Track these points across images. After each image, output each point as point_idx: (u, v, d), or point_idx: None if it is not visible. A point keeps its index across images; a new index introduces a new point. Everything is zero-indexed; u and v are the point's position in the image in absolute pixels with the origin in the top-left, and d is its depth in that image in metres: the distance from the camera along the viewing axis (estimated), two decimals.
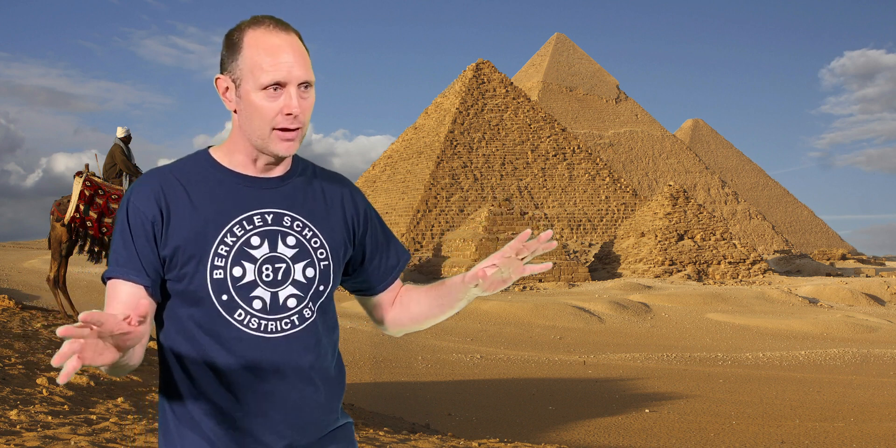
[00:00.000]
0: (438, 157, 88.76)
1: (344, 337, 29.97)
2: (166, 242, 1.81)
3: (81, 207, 10.95)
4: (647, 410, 17.10)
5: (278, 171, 1.93)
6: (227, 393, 1.84)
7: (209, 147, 1.96)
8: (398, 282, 2.14)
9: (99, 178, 11.32)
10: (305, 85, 1.84)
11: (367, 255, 2.06)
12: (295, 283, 1.88)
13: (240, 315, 1.83)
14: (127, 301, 1.79)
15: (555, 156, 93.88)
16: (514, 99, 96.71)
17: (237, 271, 1.83)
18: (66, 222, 10.98)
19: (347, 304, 41.24)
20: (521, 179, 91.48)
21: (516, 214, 65.36)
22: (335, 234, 1.96)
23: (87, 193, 11.00)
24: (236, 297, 1.83)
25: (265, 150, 1.86)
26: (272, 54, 1.80)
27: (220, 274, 1.82)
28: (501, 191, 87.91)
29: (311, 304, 1.91)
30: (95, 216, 11.01)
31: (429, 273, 64.38)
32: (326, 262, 1.93)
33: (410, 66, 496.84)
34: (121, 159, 11.68)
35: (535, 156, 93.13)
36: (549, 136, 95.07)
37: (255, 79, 1.81)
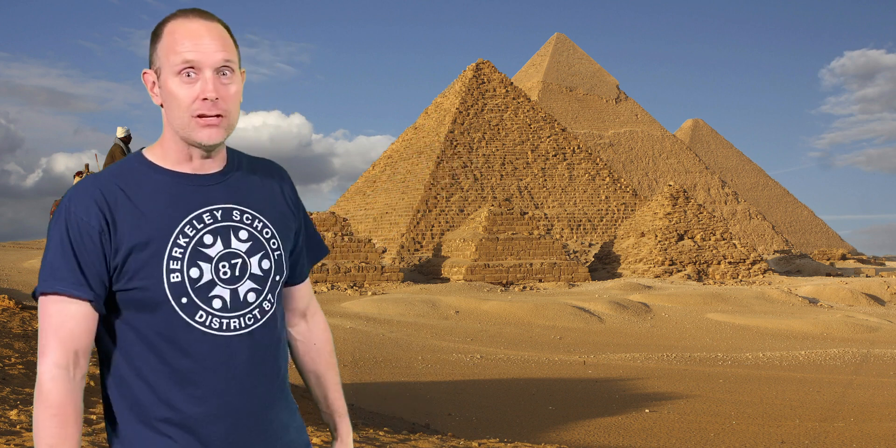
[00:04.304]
0: (438, 157, 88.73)
1: (344, 337, 29.93)
2: (116, 250, 1.75)
3: None
4: (647, 410, 17.10)
5: (216, 166, 1.89)
6: (193, 399, 1.78)
7: (142, 149, 1.91)
8: (308, 283, 2.14)
9: None
10: (225, 71, 1.80)
11: (298, 246, 2.04)
12: (252, 277, 1.87)
13: (200, 317, 1.80)
14: (73, 329, 1.71)
15: (555, 156, 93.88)
16: (514, 99, 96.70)
17: (194, 272, 1.80)
18: None
19: (347, 304, 41.15)
20: (521, 179, 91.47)
21: (516, 214, 65.32)
22: (282, 224, 1.95)
23: None
24: (196, 299, 1.80)
25: (190, 140, 1.81)
26: (188, 38, 1.78)
27: (177, 277, 1.78)
28: (501, 191, 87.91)
29: (269, 295, 1.90)
30: None
31: (429, 273, 64.31)
32: (279, 252, 1.93)
33: (410, 66, 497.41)
34: (121, 159, 11.66)
35: (535, 156, 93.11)
36: (549, 136, 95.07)
37: (170, 64, 1.78)
